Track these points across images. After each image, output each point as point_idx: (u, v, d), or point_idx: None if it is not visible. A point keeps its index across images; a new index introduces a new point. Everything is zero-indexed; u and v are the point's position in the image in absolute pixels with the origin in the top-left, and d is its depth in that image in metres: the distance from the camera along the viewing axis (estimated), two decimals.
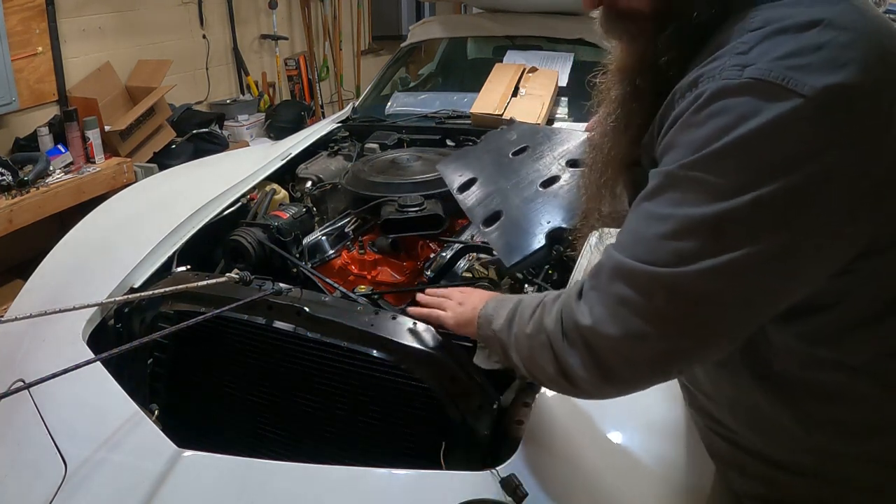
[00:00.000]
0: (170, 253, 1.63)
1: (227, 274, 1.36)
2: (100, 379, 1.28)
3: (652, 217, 0.71)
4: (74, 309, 1.16)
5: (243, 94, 4.61)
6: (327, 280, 1.49)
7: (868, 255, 0.69)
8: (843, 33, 0.66)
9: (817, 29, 0.67)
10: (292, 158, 2.18)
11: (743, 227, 0.66)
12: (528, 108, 2.28)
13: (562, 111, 2.44)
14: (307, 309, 1.28)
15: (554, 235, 1.37)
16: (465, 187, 1.62)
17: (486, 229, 1.47)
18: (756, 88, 0.65)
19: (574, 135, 1.69)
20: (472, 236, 1.69)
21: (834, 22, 0.67)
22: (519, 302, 0.92)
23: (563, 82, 2.52)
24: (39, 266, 1.73)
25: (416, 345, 1.20)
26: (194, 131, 3.74)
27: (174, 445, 1.14)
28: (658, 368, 0.74)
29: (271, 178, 2.05)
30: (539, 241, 1.37)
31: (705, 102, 0.68)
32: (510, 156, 1.70)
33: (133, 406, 1.23)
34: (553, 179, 1.53)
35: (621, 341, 0.71)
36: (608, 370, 0.73)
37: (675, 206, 0.69)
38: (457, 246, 1.60)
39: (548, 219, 1.41)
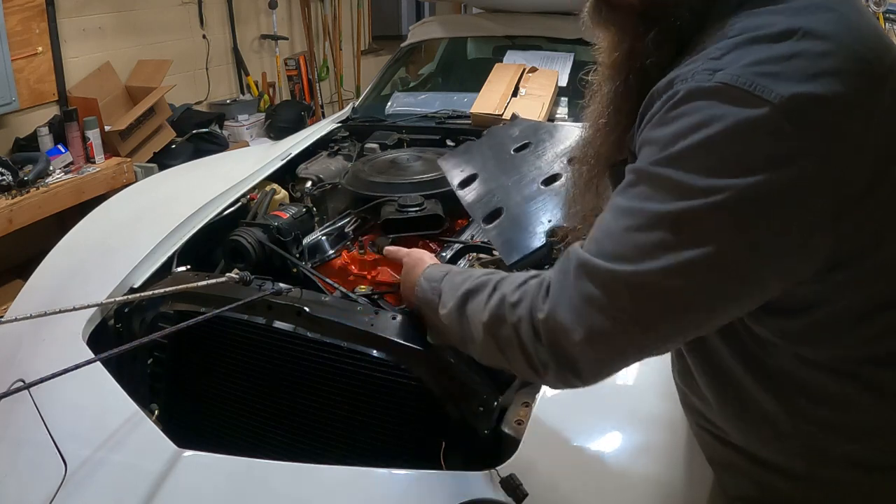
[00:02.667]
0: (170, 253, 1.63)
1: (227, 274, 1.36)
2: (100, 379, 1.28)
3: (620, 211, 0.73)
4: (74, 309, 1.16)
5: (243, 94, 4.61)
6: (327, 280, 1.49)
7: (835, 267, 0.70)
8: (819, 43, 0.66)
9: (793, 39, 0.67)
10: (292, 158, 2.18)
11: (701, 227, 0.67)
12: (528, 108, 2.28)
13: (562, 111, 2.44)
14: (307, 309, 1.28)
15: (553, 234, 1.37)
16: (465, 183, 1.61)
17: (487, 227, 1.47)
18: (724, 92, 0.66)
19: (576, 132, 1.69)
20: (472, 236, 1.69)
21: (811, 31, 0.67)
22: (462, 289, 0.92)
23: (563, 82, 2.51)
24: (39, 266, 1.73)
25: (416, 344, 1.20)
26: (194, 131, 3.73)
27: (174, 445, 1.14)
28: (620, 362, 0.76)
29: (271, 178, 2.05)
30: (540, 240, 1.37)
31: (677, 102, 0.69)
32: (512, 152, 1.70)
33: (133, 406, 1.23)
34: (555, 177, 1.53)
35: (587, 340, 0.72)
36: (575, 365, 0.75)
37: (641, 201, 0.70)
38: (457, 246, 1.60)
39: (549, 217, 1.42)
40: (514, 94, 2.37)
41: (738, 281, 0.69)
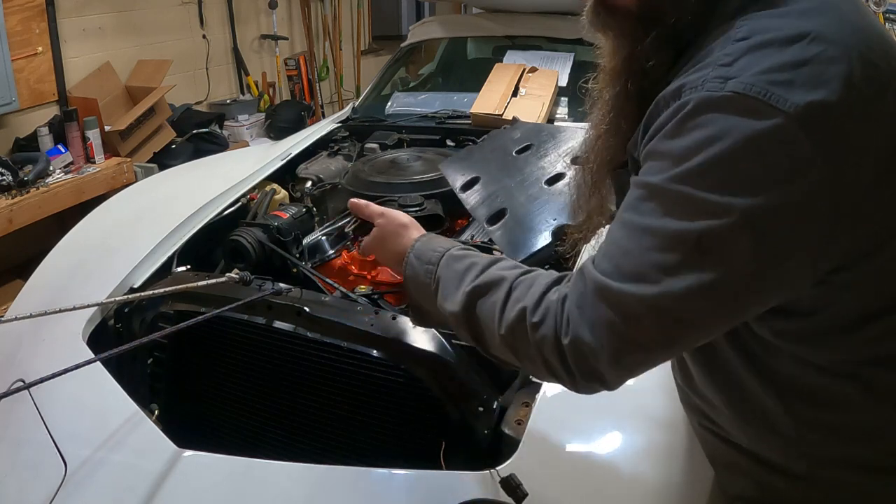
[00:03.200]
0: (170, 253, 1.63)
1: (227, 274, 1.36)
2: (100, 379, 1.28)
3: (635, 228, 0.70)
4: (74, 309, 1.16)
5: (243, 94, 4.61)
6: (327, 280, 1.49)
7: (837, 270, 0.70)
8: (828, 48, 0.65)
9: (803, 42, 0.66)
10: (292, 158, 2.18)
11: (724, 246, 0.65)
12: (529, 108, 2.28)
13: (562, 111, 2.44)
14: (307, 309, 1.28)
15: (559, 233, 1.37)
16: (468, 186, 1.62)
17: (491, 227, 1.46)
18: (737, 102, 0.64)
19: (578, 133, 1.69)
20: (472, 236, 1.69)
21: (821, 35, 0.66)
22: (467, 284, 0.85)
23: (563, 82, 2.52)
24: (39, 266, 1.73)
25: (416, 345, 1.20)
26: (194, 131, 3.73)
27: (174, 445, 1.14)
28: (645, 370, 0.75)
29: (271, 178, 2.05)
30: (545, 239, 1.37)
31: (688, 114, 0.67)
32: (514, 154, 1.70)
33: (133, 406, 1.23)
34: (558, 177, 1.53)
35: (613, 362, 0.71)
36: (602, 378, 0.74)
37: (658, 219, 0.68)
38: None
39: (553, 216, 1.41)
40: (514, 94, 2.37)
41: (760, 294, 0.69)
